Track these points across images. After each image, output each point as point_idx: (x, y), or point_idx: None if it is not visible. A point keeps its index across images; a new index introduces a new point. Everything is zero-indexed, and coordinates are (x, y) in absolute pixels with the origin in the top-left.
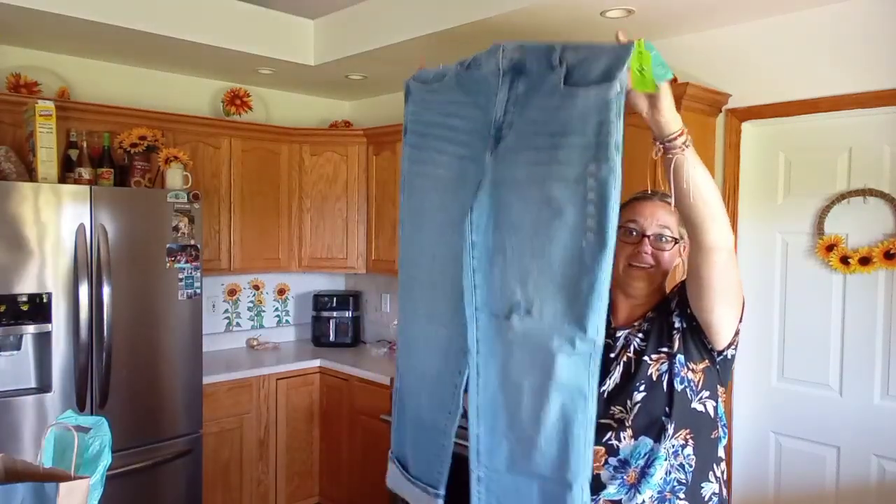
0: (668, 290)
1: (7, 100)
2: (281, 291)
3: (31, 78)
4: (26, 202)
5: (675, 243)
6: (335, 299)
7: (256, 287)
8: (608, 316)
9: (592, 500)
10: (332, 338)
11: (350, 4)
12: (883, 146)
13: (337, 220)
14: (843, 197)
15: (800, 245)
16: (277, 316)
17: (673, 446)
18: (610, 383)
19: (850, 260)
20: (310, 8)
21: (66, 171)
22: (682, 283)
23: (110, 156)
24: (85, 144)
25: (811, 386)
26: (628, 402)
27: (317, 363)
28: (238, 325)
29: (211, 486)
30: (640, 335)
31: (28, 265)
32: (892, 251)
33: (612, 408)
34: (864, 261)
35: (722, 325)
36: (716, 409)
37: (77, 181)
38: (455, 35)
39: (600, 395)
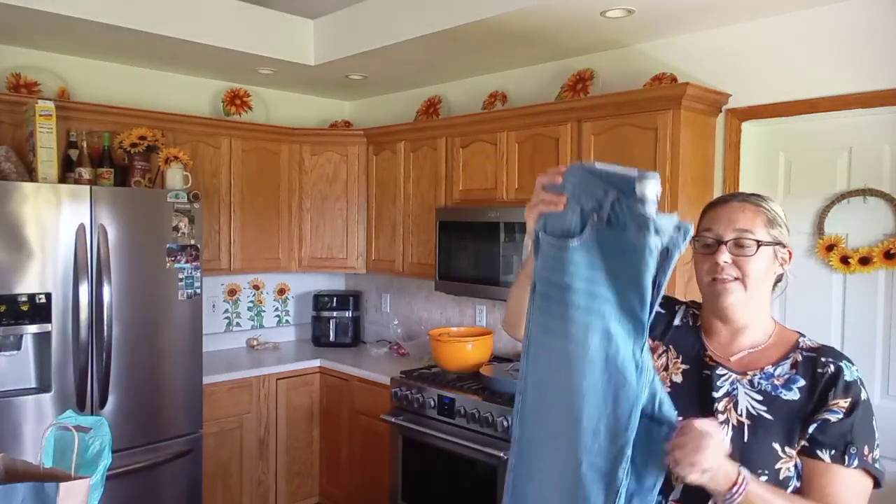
0: (772, 317)
1: (7, 100)
2: (281, 291)
3: (31, 78)
4: (26, 202)
5: (759, 246)
6: (335, 299)
7: (256, 287)
8: (702, 339)
9: None
10: (332, 338)
11: (350, 4)
12: (883, 146)
13: (337, 220)
14: (843, 197)
15: (800, 245)
16: (277, 316)
17: None
18: None
19: (850, 260)
20: (310, 8)
21: (66, 171)
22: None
23: (110, 156)
24: (85, 144)
25: None
26: None
27: (317, 363)
28: (238, 325)
29: (211, 486)
30: (757, 395)
31: (28, 265)
32: (892, 251)
33: None
34: (864, 261)
35: None
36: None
37: (77, 181)
38: (455, 35)
39: None
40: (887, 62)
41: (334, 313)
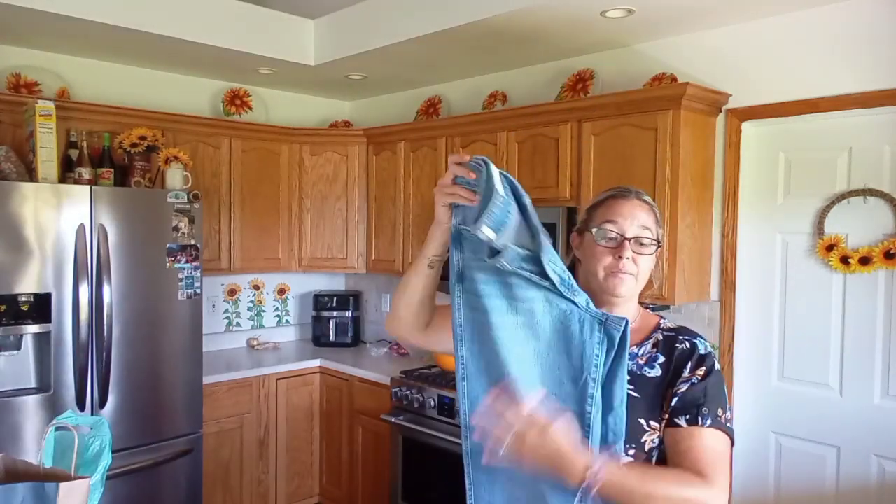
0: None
1: (7, 100)
2: (281, 291)
3: (31, 78)
4: (26, 202)
5: (659, 247)
6: (335, 299)
7: (256, 287)
8: None
9: None
10: (332, 338)
11: (350, 4)
12: (883, 146)
13: (337, 220)
14: (843, 197)
15: (800, 245)
16: (277, 316)
17: None
18: None
19: (850, 260)
20: (310, 8)
21: (66, 171)
22: (696, 369)
23: (110, 156)
24: (85, 144)
25: (811, 386)
26: None
27: (317, 363)
28: (238, 325)
29: (211, 486)
30: (626, 376)
31: (28, 265)
32: (892, 251)
33: None
34: (864, 261)
35: None
36: None
37: (77, 181)
38: (455, 35)
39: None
40: (887, 62)
41: (334, 313)
